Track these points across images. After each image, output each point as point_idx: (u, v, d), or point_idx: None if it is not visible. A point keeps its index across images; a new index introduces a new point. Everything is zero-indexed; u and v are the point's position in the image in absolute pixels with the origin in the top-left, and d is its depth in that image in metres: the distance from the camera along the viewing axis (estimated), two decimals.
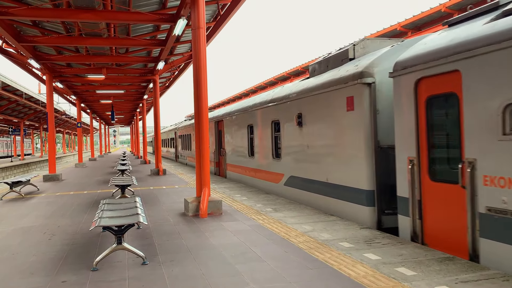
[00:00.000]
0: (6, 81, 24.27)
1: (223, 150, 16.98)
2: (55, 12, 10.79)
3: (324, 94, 8.27)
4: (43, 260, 5.55)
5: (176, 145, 31.36)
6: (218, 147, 17.81)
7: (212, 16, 13.46)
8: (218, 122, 17.73)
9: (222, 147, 17.16)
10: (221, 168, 17.50)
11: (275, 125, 11.28)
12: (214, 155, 18.39)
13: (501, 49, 4.46)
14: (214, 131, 18.01)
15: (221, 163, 17.53)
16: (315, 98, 8.60)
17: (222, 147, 17.05)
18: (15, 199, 11.87)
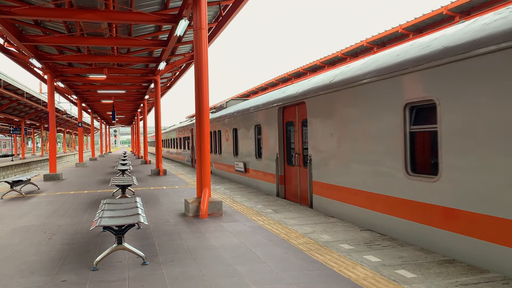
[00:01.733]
0: (7, 80, 24.28)
1: (299, 155, 9.99)
2: (57, 11, 10.81)
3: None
4: (43, 260, 5.55)
5: (193, 146, 25.12)
6: (286, 148, 10.86)
7: (214, 17, 13.48)
8: (291, 107, 10.34)
9: (296, 151, 10.15)
10: (301, 187, 9.92)
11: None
12: (274, 164, 11.16)
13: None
14: (278, 123, 10.88)
15: (296, 177, 10.20)
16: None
17: (297, 152, 10.08)
18: (16, 198, 11.88)
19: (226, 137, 16.28)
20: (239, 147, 14.60)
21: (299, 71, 25.60)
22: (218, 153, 17.88)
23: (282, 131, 10.86)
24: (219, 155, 17.75)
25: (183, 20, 10.90)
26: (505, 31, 4.53)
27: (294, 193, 10.37)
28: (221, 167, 17.64)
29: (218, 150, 17.86)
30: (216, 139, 18.12)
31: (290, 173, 10.55)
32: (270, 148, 11.51)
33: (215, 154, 18.40)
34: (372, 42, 18.04)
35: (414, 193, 5.87)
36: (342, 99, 7.73)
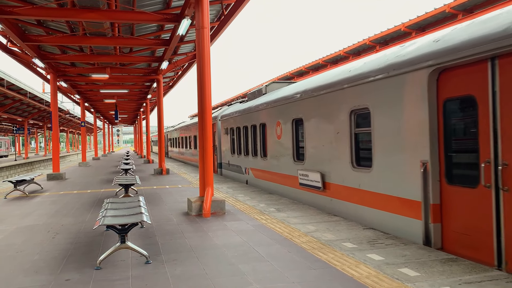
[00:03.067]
0: (10, 80, 24.37)
1: (490, 166, 5.09)
2: (59, 11, 10.83)
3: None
4: (47, 259, 5.57)
5: (219, 144, 18.44)
6: (444, 149, 5.83)
7: (216, 16, 13.48)
8: (463, 68, 5.51)
9: (483, 157, 5.14)
10: (505, 232, 4.82)
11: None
12: (412, 180, 6.20)
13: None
14: (425, 101, 5.96)
15: (481, 210, 5.17)
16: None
17: (485, 158, 5.10)
18: (19, 198, 11.92)
19: (277, 133, 11.43)
20: (307, 148, 9.62)
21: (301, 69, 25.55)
22: (261, 155, 12.89)
23: (437, 116, 5.87)
24: (263, 158, 12.70)
25: (185, 19, 10.90)
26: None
27: (474, 242, 5.25)
28: (266, 176, 12.48)
29: (260, 151, 12.91)
30: (254, 136, 13.49)
31: (459, 199, 5.52)
32: (398, 148, 6.46)
33: (254, 157, 13.51)
34: (375, 40, 17.98)
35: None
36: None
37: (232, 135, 16.00)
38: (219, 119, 18.06)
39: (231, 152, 16.14)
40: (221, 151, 17.99)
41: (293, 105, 10.34)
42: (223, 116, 17.40)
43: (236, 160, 15.61)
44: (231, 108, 17.01)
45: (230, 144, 16.22)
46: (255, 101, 13.54)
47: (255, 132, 13.44)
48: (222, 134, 17.62)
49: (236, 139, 15.40)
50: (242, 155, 14.74)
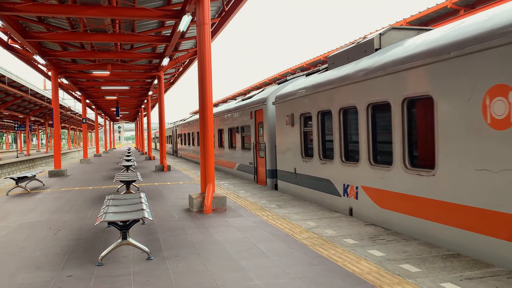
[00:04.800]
0: (11, 77, 24.37)
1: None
2: (60, 8, 10.82)
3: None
4: (49, 255, 5.59)
5: (258, 141, 13.39)
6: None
7: (217, 12, 13.44)
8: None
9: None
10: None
11: None
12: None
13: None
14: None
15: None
16: None
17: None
18: (21, 195, 11.95)
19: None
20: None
21: (303, 66, 25.49)
22: (407, 163, 6.34)
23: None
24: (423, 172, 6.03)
25: (186, 15, 10.88)
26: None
27: None
28: (442, 215, 5.62)
29: (406, 154, 6.39)
30: (374, 127, 7.31)
31: None
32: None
33: (375, 166, 7.14)
34: None
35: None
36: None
37: (304, 125, 9.95)
38: (272, 103, 11.81)
39: (302, 154, 9.96)
40: (276, 152, 11.75)
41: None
42: (281, 97, 11.11)
43: (315, 168, 9.26)
44: (299, 82, 10.56)
45: (301, 141, 10.02)
46: (361, 64, 7.61)
47: (378, 120, 7.18)
48: (277, 125, 11.34)
49: (317, 132, 9.12)
50: (338, 160, 8.22)
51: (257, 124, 13.14)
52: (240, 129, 15.02)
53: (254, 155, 13.46)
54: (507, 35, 4.58)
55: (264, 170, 12.61)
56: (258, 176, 13.33)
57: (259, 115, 13.01)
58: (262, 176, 12.81)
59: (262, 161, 12.77)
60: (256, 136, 13.22)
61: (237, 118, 15.38)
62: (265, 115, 12.35)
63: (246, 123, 14.25)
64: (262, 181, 12.80)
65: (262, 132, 12.66)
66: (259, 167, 13.09)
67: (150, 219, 5.37)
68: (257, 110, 13.10)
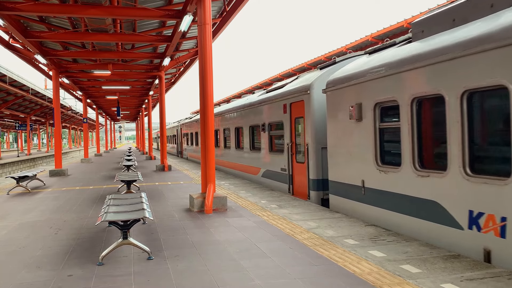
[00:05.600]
0: (13, 76, 24.39)
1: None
2: (61, 7, 10.82)
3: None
4: (49, 254, 5.59)
5: (294, 141, 10.55)
6: None
7: (218, 12, 13.44)
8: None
9: None
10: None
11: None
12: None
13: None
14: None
15: None
16: None
17: None
18: (22, 194, 11.96)
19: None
20: None
21: (304, 66, 25.49)
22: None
23: None
24: None
25: (187, 15, 10.88)
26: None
27: None
28: None
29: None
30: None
31: None
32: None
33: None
34: (377, 37, 17.91)
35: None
36: None
37: (380, 120, 6.91)
38: (322, 90, 8.74)
39: (377, 160, 6.90)
40: (322, 156, 9.32)
41: None
42: (338, 81, 8.05)
43: (405, 182, 6.25)
44: (361, 62, 7.73)
45: (375, 142, 6.94)
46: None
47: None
48: (330, 120, 8.43)
49: (410, 128, 6.13)
50: (458, 171, 5.25)
51: (293, 120, 10.49)
52: (267, 126, 12.39)
53: (289, 159, 10.67)
54: None
55: (304, 180, 9.84)
56: (294, 187, 10.50)
57: (297, 108, 10.24)
58: (302, 187, 10.01)
59: (302, 168, 9.99)
60: (292, 135, 10.54)
61: (261, 113, 12.77)
62: (308, 107, 9.54)
63: (275, 119, 11.65)
64: (302, 193, 9.96)
65: (302, 130, 9.97)
66: (296, 175, 10.34)
67: (150, 218, 5.37)
68: (293, 103, 10.39)
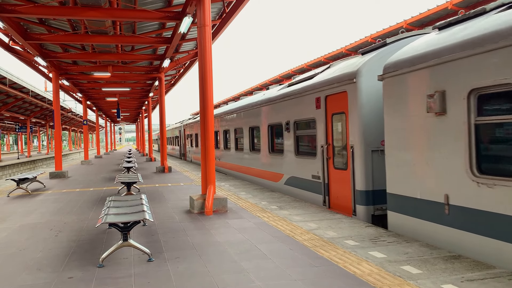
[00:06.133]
0: (12, 78, 24.40)
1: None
2: (61, 10, 10.83)
3: None
4: (50, 256, 5.59)
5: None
6: None
7: (218, 13, 13.46)
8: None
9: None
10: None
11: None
12: None
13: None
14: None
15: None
16: None
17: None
18: (22, 196, 11.96)
19: None
20: None
21: (303, 67, 25.51)
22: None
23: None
24: None
25: (187, 17, 10.90)
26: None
27: None
28: None
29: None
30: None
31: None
32: None
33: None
34: (377, 37, 17.94)
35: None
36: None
37: (477, 112, 4.97)
38: (378, 77, 6.82)
39: (472, 168, 4.99)
40: (372, 161, 7.51)
41: None
42: (404, 63, 6.16)
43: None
44: (428, 40, 5.97)
45: (469, 143, 5.03)
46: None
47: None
48: (389, 114, 6.55)
49: None
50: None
51: (329, 116, 8.67)
52: (292, 125, 10.53)
53: (324, 165, 8.85)
54: None
55: (347, 191, 8.01)
56: (331, 198, 8.66)
57: (335, 102, 8.41)
58: (344, 200, 8.15)
59: (343, 175, 8.17)
60: (328, 135, 8.75)
61: (284, 110, 11.04)
62: (353, 100, 7.68)
63: (304, 117, 9.83)
64: (344, 207, 8.14)
65: (343, 128, 8.18)
66: (335, 184, 8.51)
67: (151, 220, 5.37)
68: (331, 95, 8.58)
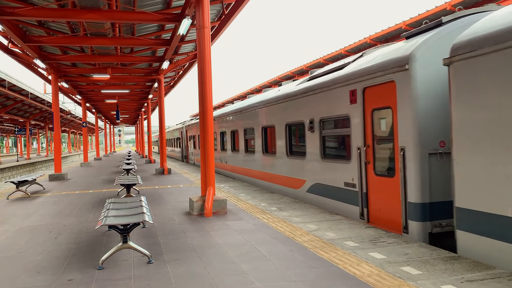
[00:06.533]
0: (12, 81, 24.40)
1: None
2: (60, 12, 10.84)
3: None
4: (49, 259, 5.59)
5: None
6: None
7: (217, 15, 13.48)
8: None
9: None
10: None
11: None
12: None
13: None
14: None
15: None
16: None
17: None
18: (21, 198, 11.95)
19: None
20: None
21: (302, 68, 25.54)
22: None
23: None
24: None
25: (186, 19, 10.90)
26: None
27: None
28: None
29: None
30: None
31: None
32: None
33: None
34: (376, 39, 17.96)
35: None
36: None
37: None
38: (445, 60, 5.25)
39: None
40: (430, 165, 6.08)
41: None
42: (494, 38, 4.60)
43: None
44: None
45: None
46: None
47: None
48: (464, 105, 5.03)
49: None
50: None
51: (368, 112, 7.21)
52: (317, 124, 9.04)
53: (361, 170, 7.40)
54: None
55: (395, 203, 6.54)
56: (371, 210, 7.20)
57: (377, 94, 6.94)
58: (390, 214, 6.66)
59: (388, 184, 6.68)
60: (367, 134, 7.25)
61: (307, 107, 9.53)
62: (405, 91, 6.32)
63: (334, 113, 8.37)
64: (391, 222, 6.65)
65: (389, 126, 6.75)
66: (375, 193, 7.04)
67: (150, 222, 5.36)
68: (370, 87, 7.08)
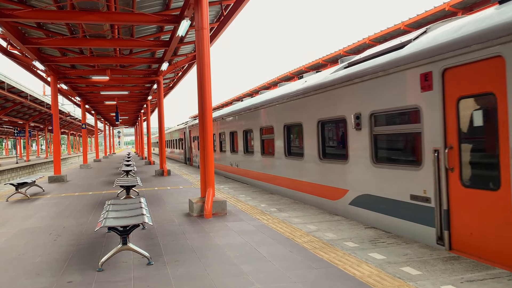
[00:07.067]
0: (11, 83, 24.39)
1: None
2: (59, 14, 10.84)
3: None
4: (49, 261, 5.58)
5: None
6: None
7: (216, 16, 13.49)
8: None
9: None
10: None
11: None
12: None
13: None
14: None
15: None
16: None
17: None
18: (21, 200, 11.93)
19: None
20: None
21: (301, 69, 25.55)
22: None
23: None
24: None
25: (184, 20, 10.91)
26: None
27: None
28: None
29: None
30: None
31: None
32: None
33: None
34: (375, 39, 17.97)
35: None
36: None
37: None
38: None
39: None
40: None
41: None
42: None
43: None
44: None
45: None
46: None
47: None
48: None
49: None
50: None
51: (452, 101, 5.38)
52: (366, 119, 7.21)
53: (441, 179, 5.50)
54: None
55: (505, 226, 4.65)
56: (454, 234, 5.35)
57: (469, 76, 5.08)
58: (492, 241, 4.81)
59: (489, 199, 4.85)
60: (449, 132, 5.43)
61: (347, 99, 7.78)
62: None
63: (394, 105, 6.47)
64: (490, 251, 4.84)
65: (489, 120, 4.91)
66: (464, 210, 5.19)
67: (150, 224, 5.36)
68: (455, 67, 5.28)
